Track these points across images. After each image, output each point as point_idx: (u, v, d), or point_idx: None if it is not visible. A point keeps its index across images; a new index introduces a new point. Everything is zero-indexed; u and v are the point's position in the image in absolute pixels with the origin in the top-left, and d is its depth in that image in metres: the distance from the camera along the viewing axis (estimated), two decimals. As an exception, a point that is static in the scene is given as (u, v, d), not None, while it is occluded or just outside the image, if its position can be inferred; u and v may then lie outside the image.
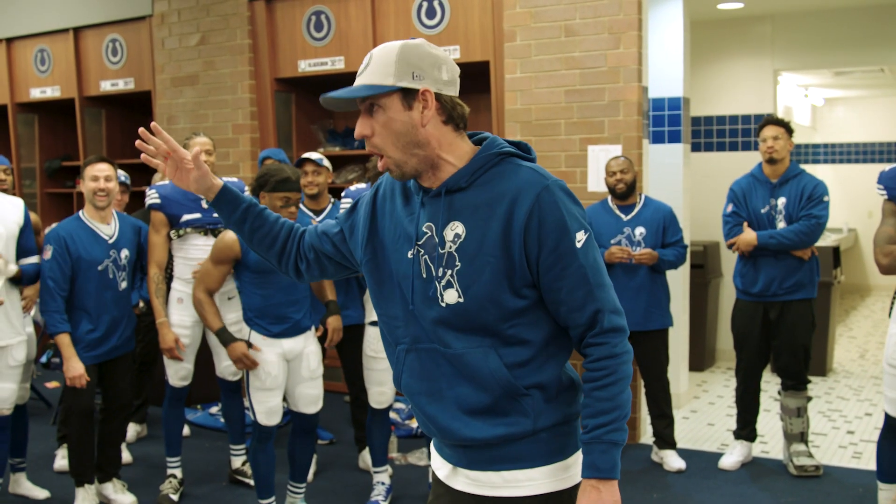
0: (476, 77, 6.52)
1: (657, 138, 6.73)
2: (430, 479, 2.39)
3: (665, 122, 6.73)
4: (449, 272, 2.08)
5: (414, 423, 6.18)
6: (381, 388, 4.81)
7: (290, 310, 4.43)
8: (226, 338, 4.37)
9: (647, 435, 5.75)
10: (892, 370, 4.13)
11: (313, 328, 4.60)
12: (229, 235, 4.34)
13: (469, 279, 2.06)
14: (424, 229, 2.13)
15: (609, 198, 5.45)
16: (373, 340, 4.79)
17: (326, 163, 5.44)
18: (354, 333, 5.30)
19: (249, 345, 4.36)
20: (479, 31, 6.37)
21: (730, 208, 5.40)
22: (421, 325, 2.14)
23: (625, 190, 5.33)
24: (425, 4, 6.55)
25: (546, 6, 5.97)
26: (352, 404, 5.59)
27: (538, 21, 5.99)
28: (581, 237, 2.07)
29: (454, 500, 2.25)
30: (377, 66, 2.08)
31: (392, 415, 6.18)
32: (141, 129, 2.32)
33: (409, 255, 2.14)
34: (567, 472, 2.17)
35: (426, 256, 2.11)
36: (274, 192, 4.23)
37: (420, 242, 2.13)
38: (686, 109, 6.72)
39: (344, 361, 5.48)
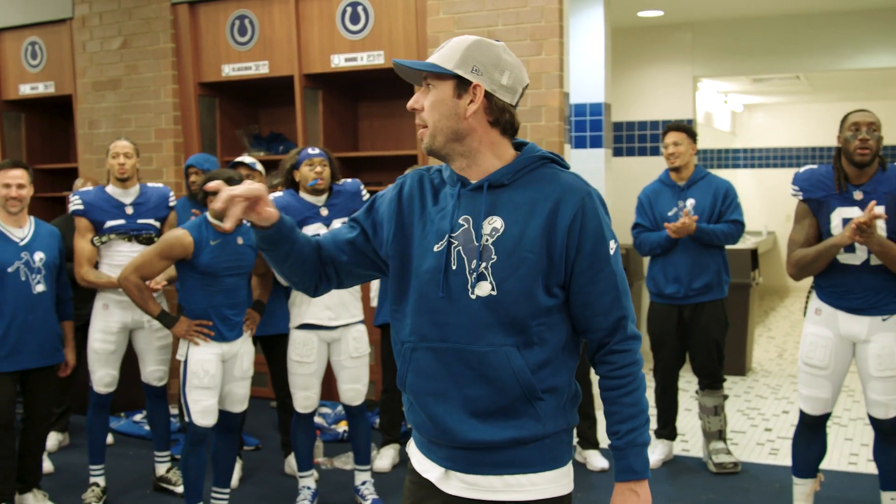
0: (399, 82, 6.56)
1: (579, 143, 6.83)
2: (407, 484, 2.37)
3: (587, 127, 6.83)
4: (483, 264, 2.11)
5: (340, 428, 6.18)
6: (305, 392, 4.81)
7: (231, 312, 4.46)
8: (167, 321, 4.43)
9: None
10: (807, 369, 4.26)
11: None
12: (185, 235, 4.34)
13: (505, 272, 2.10)
14: (461, 221, 2.16)
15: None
16: (298, 345, 4.79)
17: (259, 167, 5.46)
18: (283, 340, 5.31)
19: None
20: (403, 36, 6.41)
21: (634, 219, 5.54)
22: (438, 323, 2.15)
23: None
24: (349, 10, 6.57)
25: (469, 12, 6.03)
26: (278, 409, 5.58)
27: (461, 27, 6.05)
28: (613, 246, 2.17)
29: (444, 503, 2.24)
30: (448, 51, 2.15)
31: (318, 419, 6.18)
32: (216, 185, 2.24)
33: (437, 248, 2.16)
34: (566, 478, 2.23)
35: (459, 248, 2.14)
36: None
37: (454, 234, 2.15)
38: (607, 115, 6.83)
39: (272, 367, 5.48)
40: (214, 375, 4.42)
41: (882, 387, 4.09)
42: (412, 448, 2.35)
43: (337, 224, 4.64)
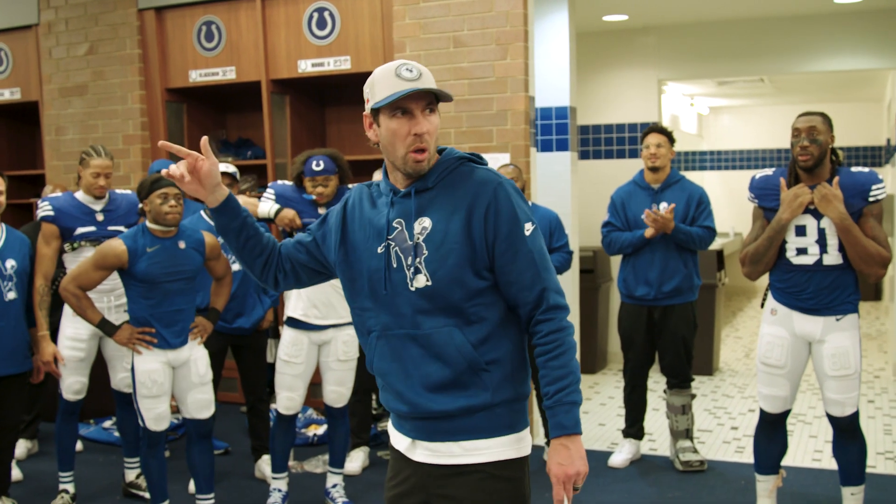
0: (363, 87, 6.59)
1: (545, 146, 6.89)
2: (391, 460, 2.63)
3: (553, 130, 6.89)
4: (418, 259, 2.37)
5: (311, 432, 6.20)
6: (290, 393, 4.83)
7: (176, 318, 4.45)
8: (108, 328, 4.43)
9: (539, 436, 5.88)
10: (765, 368, 4.35)
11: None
12: (118, 245, 4.34)
13: (436, 265, 2.36)
14: (395, 224, 2.42)
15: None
16: (287, 345, 4.81)
17: (238, 175, 5.50)
18: (251, 341, 5.33)
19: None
20: (370, 42, 6.45)
21: (606, 218, 5.60)
22: (391, 314, 2.42)
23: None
24: (316, 15, 6.60)
25: (435, 17, 6.08)
26: (248, 414, 5.59)
27: (427, 32, 6.10)
28: (529, 227, 2.40)
29: (414, 471, 2.49)
30: (431, 78, 2.37)
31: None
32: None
33: (379, 250, 2.43)
34: (520, 443, 2.47)
35: (396, 248, 2.41)
36: (151, 192, 4.32)
37: (391, 236, 2.42)
38: (573, 118, 6.90)
39: (241, 370, 5.48)
40: (162, 383, 4.43)
41: (837, 385, 4.17)
42: (389, 427, 2.62)
43: None
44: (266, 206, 4.90)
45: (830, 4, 7.92)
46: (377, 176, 5.43)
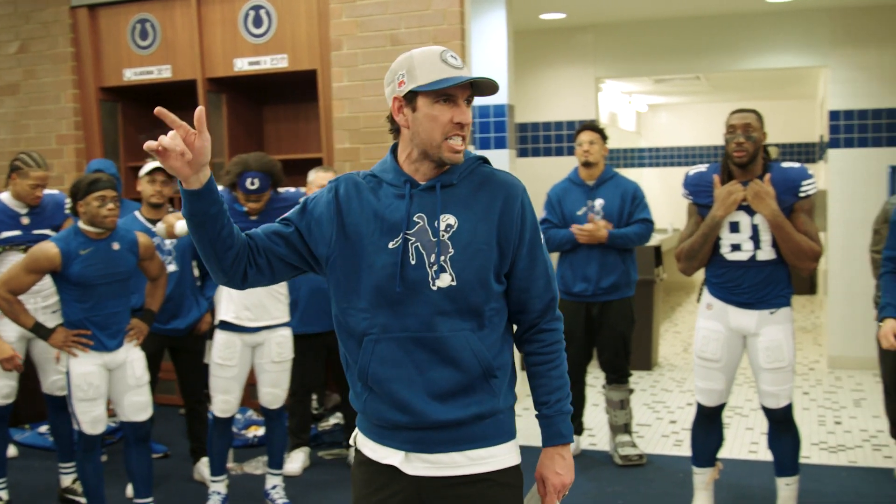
0: (304, 86, 6.57)
1: (484, 144, 6.91)
2: (359, 475, 2.45)
3: (491, 128, 6.91)
4: (442, 258, 2.27)
5: (251, 433, 6.16)
6: (225, 396, 4.79)
7: (111, 321, 4.39)
8: (42, 332, 4.35)
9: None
10: (701, 362, 4.40)
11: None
12: (50, 248, 4.26)
13: (462, 264, 2.27)
14: (416, 219, 2.29)
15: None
16: (220, 347, 4.77)
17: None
18: (188, 343, 5.27)
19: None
20: (307, 40, 6.42)
21: (542, 215, 5.63)
22: (397, 314, 2.28)
23: (452, 195, 5.46)
24: (252, 13, 6.55)
25: (372, 16, 6.06)
26: (187, 416, 5.54)
27: (364, 30, 6.08)
28: (542, 236, 2.42)
29: (407, 485, 2.35)
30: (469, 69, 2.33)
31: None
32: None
33: (392, 244, 2.28)
34: (517, 449, 2.44)
35: (418, 244, 2.28)
36: (88, 194, 4.24)
37: (410, 231, 2.28)
38: (511, 116, 6.92)
39: (178, 372, 5.43)
40: (99, 386, 4.36)
41: (772, 378, 4.23)
42: (361, 439, 2.45)
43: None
44: (183, 224, 4.85)
45: (763, 4, 8.04)
46: (313, 175, 5.41)
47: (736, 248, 4.21)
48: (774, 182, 4.14)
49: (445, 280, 2.26)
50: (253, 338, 4.80)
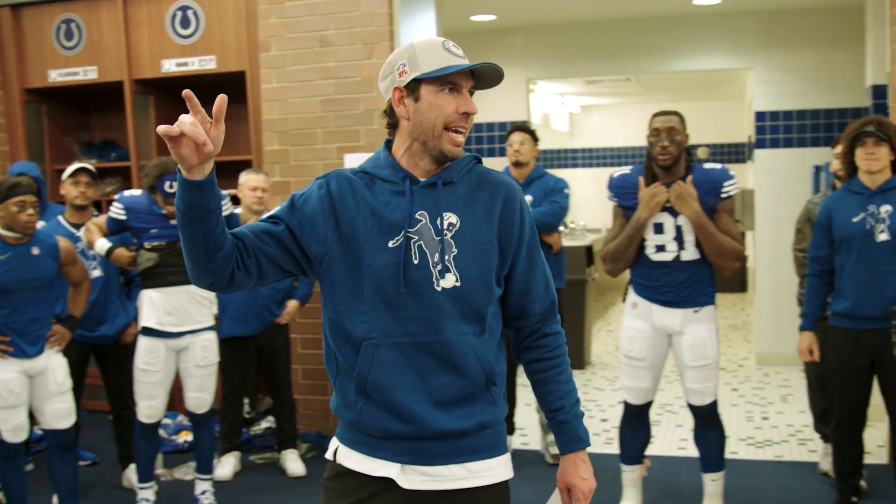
0: (233, 87, 6.51)
1: (414, 146, 6.91)
2: (335, 487, 2.28)
3: (421, 129, 6.91)
4: (447, 257, 2.17)
5: (181, 438, 6.09)
6: (150, 401, 4.73)
7: (32, 327, 4.32)
8: None
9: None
10: (627, 361, 4.45)
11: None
12: None
13: (466, 264, 2.18)
14: (418, 217, 2.18)
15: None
16: (143, 353, 4.71)
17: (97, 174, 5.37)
18: (114, 349, 5.21)
19: None
20: (235, 41, 6.37)
21: None
22: (398, 317, 2.16)
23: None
24: (179, 14, 6.48)
25: (300, 17, 6.03)
26: (114, 422, 5.46)
27: (293, 31, 6.05)
28: (538, 237, 2.35)
29: (400, 499, 2.21)
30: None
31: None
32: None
33: (392, 243, 2.16)
34: (510, 463, 2.32)
35: (420, 243, 2.17)
36: (7, 198, 4.16)
37: (413, 229, 2.17)
38: (442, 118, 6.93)
39: (105, 378, 5.35)
40: (20, 393, 4.29)
41: (697, 375, 4.30)
42: (343, 452, 2.28)
43: None
44: (100, 243, 4.80)
45: (690, 6, 8.15)
46: (244, 177, 5.37)
47: (660, 248, 4.26)
48: (697, 183, 4.20)
49: (450, 280, 2.16)
50: (177, 342, 4.75)
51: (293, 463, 5.55)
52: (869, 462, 5.33)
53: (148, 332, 4.72)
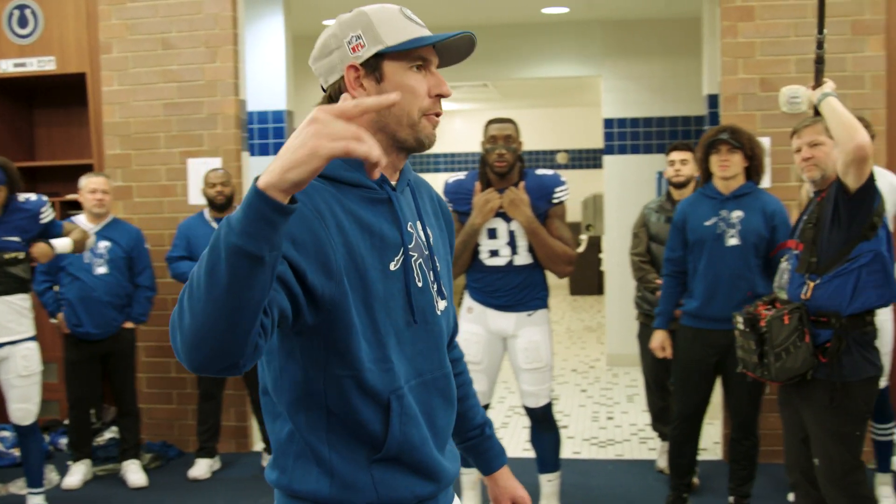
0: (73, 89, 6.34)
1: (263, 150, 6.86)
2: None
3: (270, 134, 6.87)
4: (434, 275, 1.80)
5: (17, 452, 5.89)
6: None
7: None
8: None
9: (259, 443, 5.86)
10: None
11: None
12: None
13: (446, 280, 1.84)
14: (409, 230, 1.75)
15: (206, 210, 5.49)
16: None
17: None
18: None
19: None
20: (75, 42, 6.20)
21: None
22: (413, 355, 1.74)
23: (223, 202, 5.39)
24: (17, 13, 6.27)
25: (142, 18, 5.91)
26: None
27: (135, 33, 5.93)
28: None
29: None
30: None
31: (-8, 444, 5.88)
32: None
33: (394, 265, 1.70)
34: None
35: (420, 261, 1.76)
36: None
37: (411, 245, 1.74)
38: (290, 122, 6.90)
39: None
40: None
41: (531, 378, 4.38)
42: None
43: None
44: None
45: (539, 15, 8.30)
46: (84, 181, 5.23)
47: (494, 253, 4.33)
48: (529, 189, 4.28)
49: (442, 303, 1.81)
50: None
51: (134, 474, 5.42)
52: (703, 458, 5.52)
53: None
